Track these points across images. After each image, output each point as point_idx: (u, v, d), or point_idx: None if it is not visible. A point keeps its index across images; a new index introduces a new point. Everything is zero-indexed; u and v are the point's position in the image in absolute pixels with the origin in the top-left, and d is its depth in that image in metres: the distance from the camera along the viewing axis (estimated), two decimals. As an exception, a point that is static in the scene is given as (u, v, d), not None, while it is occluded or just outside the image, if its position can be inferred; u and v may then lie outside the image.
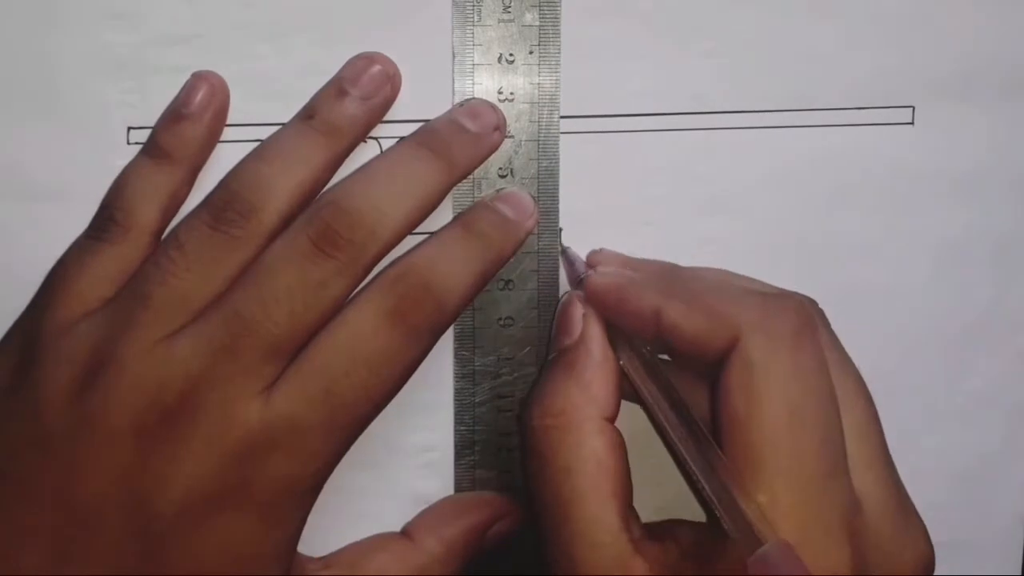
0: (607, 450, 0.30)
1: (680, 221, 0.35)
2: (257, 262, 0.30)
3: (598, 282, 0.31)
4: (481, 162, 0.33)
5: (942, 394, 0.37)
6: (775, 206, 0.36)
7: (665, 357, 0.32)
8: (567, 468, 0.29)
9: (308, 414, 0.29)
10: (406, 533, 0.34)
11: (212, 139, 0.32)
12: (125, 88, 0.33)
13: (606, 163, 0.35)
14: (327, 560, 0.34)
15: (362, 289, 0.31)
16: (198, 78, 0.32)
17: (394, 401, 0.35)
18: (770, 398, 0.28)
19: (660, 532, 0.30)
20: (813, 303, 0.31)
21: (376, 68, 0.32)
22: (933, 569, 0.30)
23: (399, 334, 0.30)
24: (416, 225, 0.31)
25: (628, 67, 0.35)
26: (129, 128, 0.33)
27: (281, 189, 0.31)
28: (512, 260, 0.33)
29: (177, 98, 0.32)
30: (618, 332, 0.31)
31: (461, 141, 0.33)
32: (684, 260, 0.35)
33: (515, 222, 0.33)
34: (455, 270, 0.31)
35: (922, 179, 0.36)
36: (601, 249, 0.34)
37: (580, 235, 0.35)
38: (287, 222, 0.31)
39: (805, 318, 0.29)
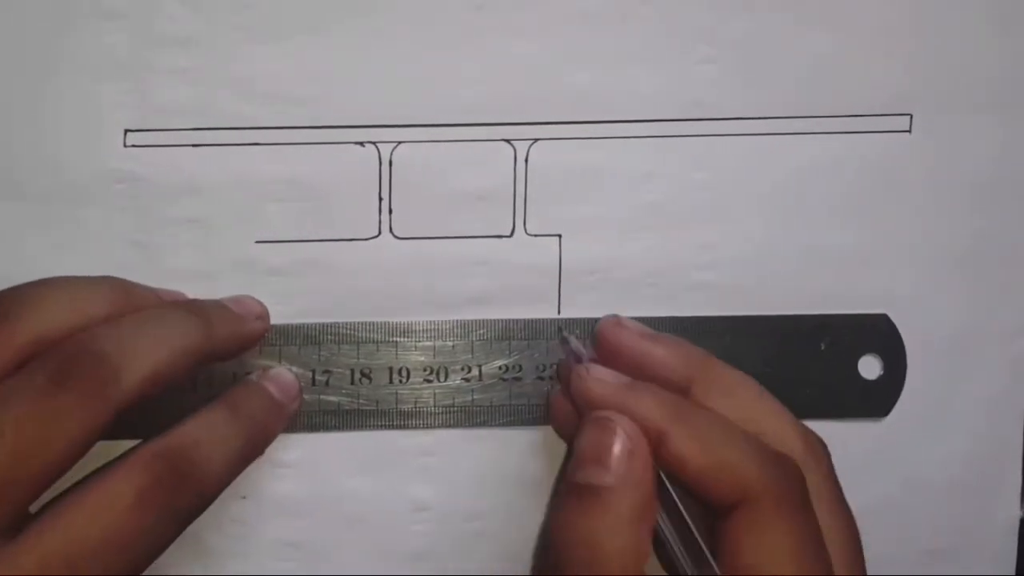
0: None
1: (678, 228, 0.35)
2: None
3: (591, 389, 0.30)
4: (242, 346, 0.33)
5: (939, 401, 0.38)
6: (772, 213, 0.36)
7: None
8: None
9: None
10: None
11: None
12: (122, 89, 0.32)
13: (604, 169, 0.35)
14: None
15: (120, 460, 0.28)
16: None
17: (391, 406, 0.35)
18: (778, 563, 0.28)
19: None
20: (821, 450, 0.31)
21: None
22: None
23: (154, 516, 0.28)
24: (165, 383, 0.29)
25: (626, 73, 0.34)
26: (126, 130, 0.33)
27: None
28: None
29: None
30: None
31: (222, 315, 0.32)
32: (681, 266, 0.36)
33: (281, 403, 0.33)
34: (219, 455, 0.30)
35: (919, 187, 0.36)
36: (617, 319, 0.33)
37: (578, 241, 0.35)
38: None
39: (805, 487, 0.29)
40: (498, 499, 0.36)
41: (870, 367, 0.37)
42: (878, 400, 0.37)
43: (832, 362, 0.36)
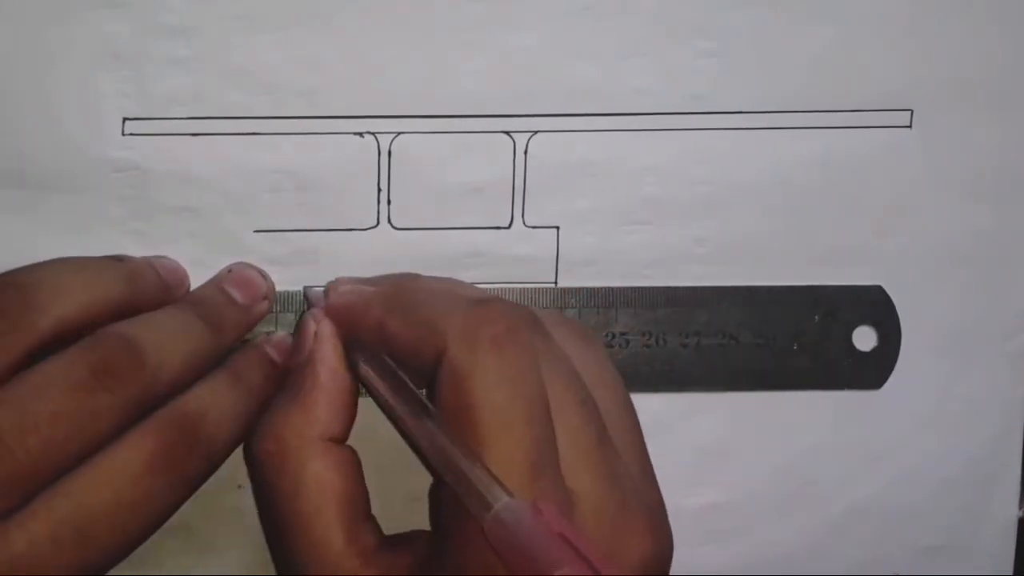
0: (330, 470, 0.29)
1: (676, 221, 0.35)
2: (21, 379, 0.28)
3: (332, 300, 0.31)
4: (249, 329, 0.33)
5: (937, 398, 0.37)
6: (771, 208, 0.36)
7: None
8: (290, 493, 0.29)
9: (53, 555, 0.27)
10: None
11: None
12: (121, 78, 0.32)
13: (603, 161, 0.35)
14: None
15: (130, 429, 0.29)
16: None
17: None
18: (475, 404, 0.28)
19: (397, 542, 0.30)
20: (526, 309, 0.30)
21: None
22: (667, 566, 0.30)
23: (164, 481, 0.29)
24: (186, 382, 0.30)
25: (627, 66, 0.34)
26: (124, 119, 0.33)
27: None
28: None
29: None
30: (358, 345, 0.31)
31: (231, 313, 0.33)
32: (679, 260, 0.36)
33: (282, 368, 0.33)
34: (225, 422, 0.30)
35: (919, 183, 0.36)
36: (338, 279, 0.33)
37: (577, 233, 0.35)
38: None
39: (508, 322, 0.29)
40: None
41: (865, 338, 0.37)
42: (873, 372, 0.37)
43: (826, 333, 0.36)
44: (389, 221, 0.34)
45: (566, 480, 0.28)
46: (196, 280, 0.34)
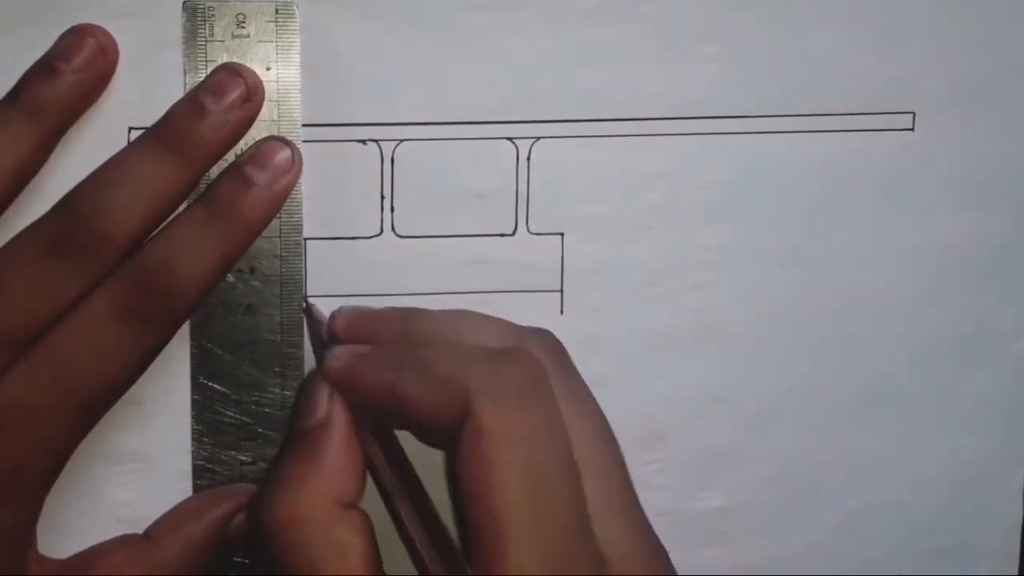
0: (351, 535, 0.28)
1: (680, 227, 0.36)
2: None
3: (332, 365, 0.30)
4: (234, 140, 0.32)
5: (942, 400, 0.38)
6: (775, 212, 0.36)
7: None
8: (311, 562, 0.28)
9: (36, 398, 0.30)
10: (146, 533, 0.33)
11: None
12: (127, 87, 0.32)
13: (607, 167, 0.35)
14: (66, 561, 0.33)
15: (100, 282, 0.31)
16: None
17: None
18: (503, 465, 0.27)
19: None
20: (549, 342, 0.30)
21: (89, 42, 0.32)
22: None
23: (128, 326, 0.30)
24: (157, 224, 0.31)
25: (628, 71, 0.35)
26: (130, 128, 0.33)
27: None
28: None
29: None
30: (360, 413, 0.30)
31: (203, 130, 0.31)
32: (684, 266, 0.36)
33: (266, 187, 0.32)
34: (192, 258, 0.31)
35: (922, 185, 0.36)
36: (340, 308, 0.32)
37: (581, 240, 0.35)
38: None
39: (533, 374, 0.28)
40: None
41: None
42: None
43: None
44: (393, 229, 0.34)
45: (596, 528, 0.28)
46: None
